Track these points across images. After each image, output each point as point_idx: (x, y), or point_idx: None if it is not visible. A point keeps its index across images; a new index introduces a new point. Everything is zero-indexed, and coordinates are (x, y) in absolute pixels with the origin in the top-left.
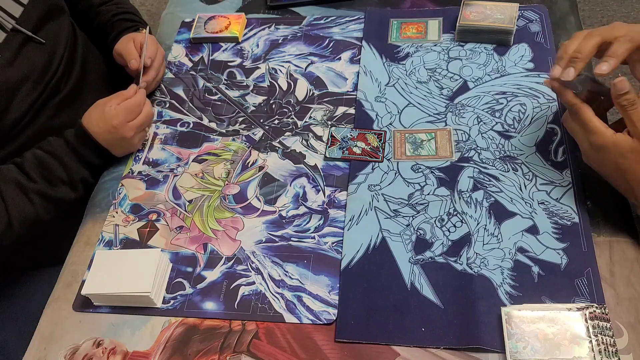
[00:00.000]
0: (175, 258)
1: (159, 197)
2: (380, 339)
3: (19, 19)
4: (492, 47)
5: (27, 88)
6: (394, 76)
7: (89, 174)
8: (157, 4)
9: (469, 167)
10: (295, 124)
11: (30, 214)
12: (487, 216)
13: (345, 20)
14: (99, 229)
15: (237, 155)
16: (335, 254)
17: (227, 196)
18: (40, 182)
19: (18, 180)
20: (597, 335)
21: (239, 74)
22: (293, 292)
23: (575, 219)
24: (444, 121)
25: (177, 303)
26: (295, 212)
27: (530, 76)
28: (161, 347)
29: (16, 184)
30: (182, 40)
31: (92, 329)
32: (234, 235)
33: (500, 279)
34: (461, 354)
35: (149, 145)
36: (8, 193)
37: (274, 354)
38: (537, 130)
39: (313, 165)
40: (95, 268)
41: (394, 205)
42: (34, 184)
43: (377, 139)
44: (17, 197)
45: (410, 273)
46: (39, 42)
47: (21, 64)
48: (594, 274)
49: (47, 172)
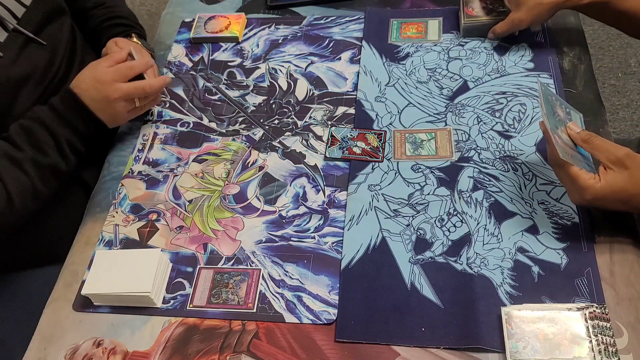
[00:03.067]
0: (175, 258)
1: (159, 197)
2: (380, 339)
3: (20, 20)
4: (492, 47)
5: (30, 87)
6: (394, 76)
7: (76, 139)
8: (157, 4)
9: (469, 167)
10: (295, 124)
11: (27, 186)
12: (487, 216)
13: (345, 20)
14: (99, 229)
15: (237, 155)
16: (335, 254)
17: (227, 196)
18: (28, 149)
19: (7, 152)
20: (597, 335)
21: (239, 74)
22: (293, 292)
23: (575, 219)
24: (444, 121)
25: (177, 303)
26: (295, 212)
27: (530, 76)
28: (161, 347)
29: (6, 156)
30: (182, 40)
31: (92, 329)
32: (234, 235)
33: (500, 279)
34: (461, 354)
35: (149, 145)
36: (1, 167)
37: (274, 354)
38: (537, 130)
39: (313, 165)
40: (95, 268)
41: (394, 205)
42: (23, 152)
43: (377, 139)
44: (10, 170)
45: (410, 273)
46: (40, 44)
47: (23, 64)
48: (594, 274)
49: (33, 138)
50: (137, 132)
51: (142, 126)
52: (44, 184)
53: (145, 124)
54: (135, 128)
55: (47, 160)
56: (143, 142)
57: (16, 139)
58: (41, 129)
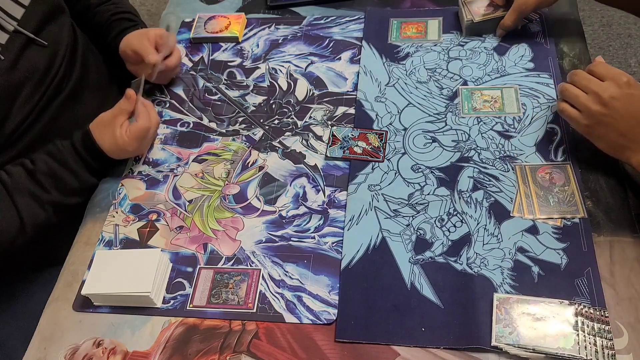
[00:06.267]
0: (175, 258)
1: (159, 197)
2: (380, 339)
3: (20, 21)
4: (492, 47)
5: (28, 91)
6: (394, 76)
7: (96, 180)
8: (157, 4)
9: (469, 167)
10: (295, 124)
11: (43, 219)
12: (487, 216)
13: (345, 20)
14: (99, 229)
15: (237, 155)
16: (335, 254)
17: (227, 196)
18: (54, 193)
19: (32, 191)
20: (584, 330)
21: (239, 74)
22: (293, 292)
23: (576, 219)
24: (444, 121)
25: (177, 303)
26: (295, 212)
27: (530, 76)
28: (161, 347)
29: (31, 195)
30: (182, 40)
31: (92, 329)
32: (234, 235)
33: (500, 279)
34: (461, 354)
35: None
36: (23, 204)
37: (274, 354)
38: (537, 130)
39: (313, 165)
40: (95, 268)
41: (394, 205)
42: (48, 194)
43: (378, 139)
44: (31, 208)
45: (410, 273)
46: (41, 45)
47: (23, 67)
48: (594, 274)
49: (61, 183)
50: None
51: None
52: (58, 217)
53: None
54: None
55: (68, 201)
56: None
57: (43, 181)
58: (71, 177)
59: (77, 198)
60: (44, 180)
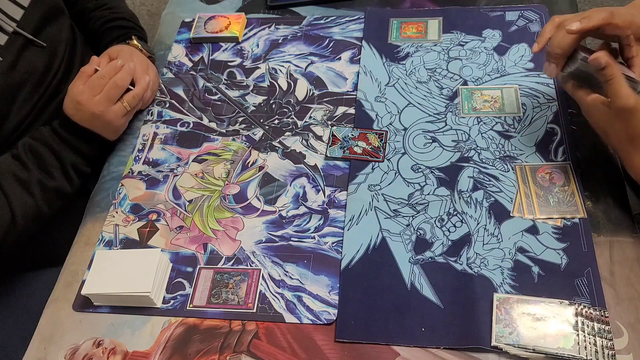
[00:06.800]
0: (175, 258)
1: (159, 197)
2: (380, 339)
3: (19, 22)
4: (492, 47)
5: (27, 91)
6: (394, 76)
7: (81, 161)
8: (157, 4)
9: (469, 167)
10: (295, 124)
11: (32, 207)
12: (487, 216)
13: (345, 20)
14: (99, 229)
15: (237, 155)
16: (335, 254)
17: (227, 196)
18: (35, 171)
19: (15, 172)
20: (584, 330)
21: (239, 74)
22: (293, 292)
23: (575, 219)
24: (444, 121)
25: (177, 303)
26: (295, 212)
27: (530, 76)
28: (161, 347)
29: (14, 176)
30: (182, 40)
31: (92, 329)
32: (234, 235)
33: (500, 279)
34: (461, 354)
35: (149, 145)
36: (9, 188)
37: (274, 354)
38: (537, 130)
39: (313, 165)
40: (95, 268)
41: (394, 205)
42: (30, 173)
43: (378, 139)
44: (17, 191)
45: (410, 273)
46: (40, 46)
47: (22, 68)
48: (594, 274)
49: (40, 160)
50: (137, 132)
51: (142, 126)
52: (48, 205)
53: (145, 124)
54: (135, 128)
55: (53, 183)
56: (143, 142)
57: (24, 159)
58: (48, 152)
59: (61, 177)
60: (25, 158)
